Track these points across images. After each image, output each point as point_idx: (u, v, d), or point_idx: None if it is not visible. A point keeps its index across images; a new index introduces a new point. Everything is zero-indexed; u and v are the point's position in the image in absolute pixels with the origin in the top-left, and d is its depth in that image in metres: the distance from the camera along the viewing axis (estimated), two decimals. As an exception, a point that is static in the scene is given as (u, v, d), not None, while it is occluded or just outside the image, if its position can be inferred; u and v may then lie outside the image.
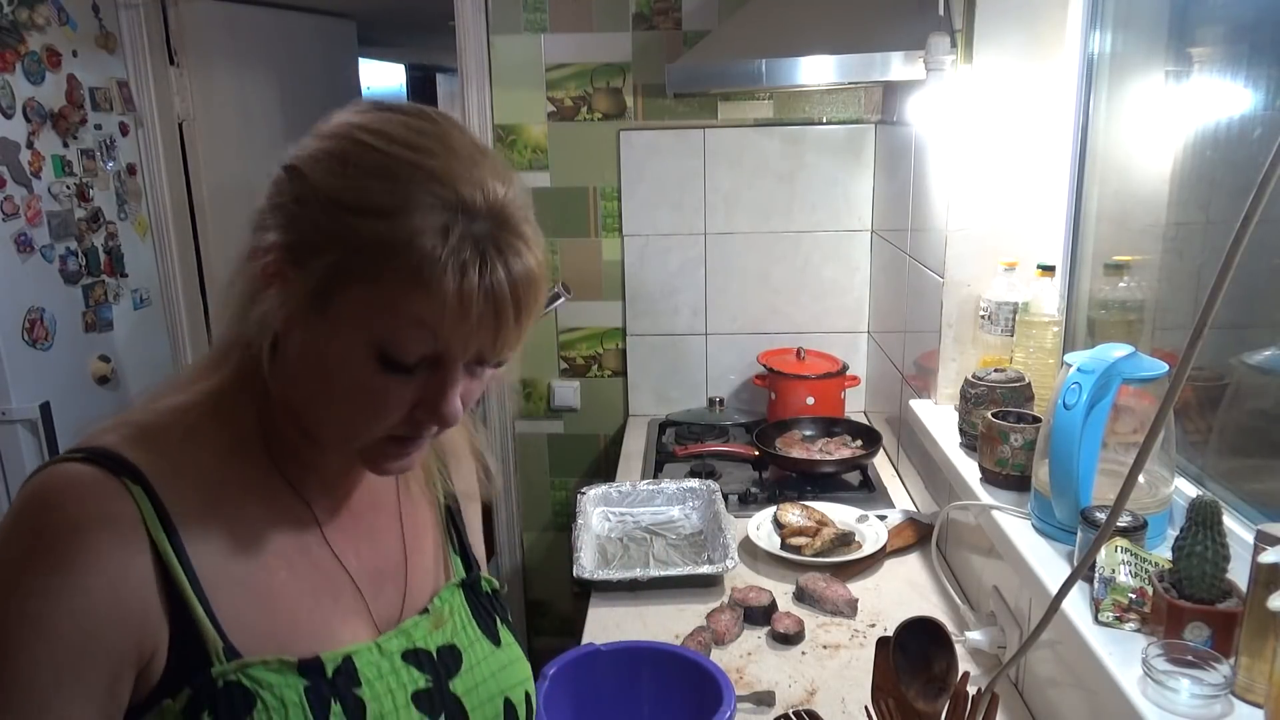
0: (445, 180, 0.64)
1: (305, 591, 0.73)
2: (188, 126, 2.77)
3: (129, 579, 0.64)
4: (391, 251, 0.62)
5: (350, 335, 0.65)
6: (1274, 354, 1.16)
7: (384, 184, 0.64)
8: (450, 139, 0.67)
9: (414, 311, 0.63)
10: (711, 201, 2.54)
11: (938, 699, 1.01)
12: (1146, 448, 0.75)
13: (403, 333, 0.64)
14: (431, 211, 0.63)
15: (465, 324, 0.64)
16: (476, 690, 0.80)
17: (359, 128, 0.67)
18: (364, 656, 0.74)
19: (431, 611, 0.81)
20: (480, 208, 0.64)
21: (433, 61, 6.54)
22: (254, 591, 0.70)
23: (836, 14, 1.91)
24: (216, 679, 0.66)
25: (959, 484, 1.48)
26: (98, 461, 0.66)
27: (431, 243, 0.62)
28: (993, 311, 1.61)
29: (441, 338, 0.64)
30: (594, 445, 2.76)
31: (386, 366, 0.66)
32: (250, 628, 0.69)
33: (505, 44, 2.47)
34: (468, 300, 0.63)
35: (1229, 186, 1.24)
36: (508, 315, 0.65)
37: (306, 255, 0.65)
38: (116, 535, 0.64)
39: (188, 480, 0.69)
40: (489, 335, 0.65)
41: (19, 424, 2.25)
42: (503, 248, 0.64)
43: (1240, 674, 0.89)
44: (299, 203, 0.66)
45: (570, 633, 1.63)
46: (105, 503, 0.64)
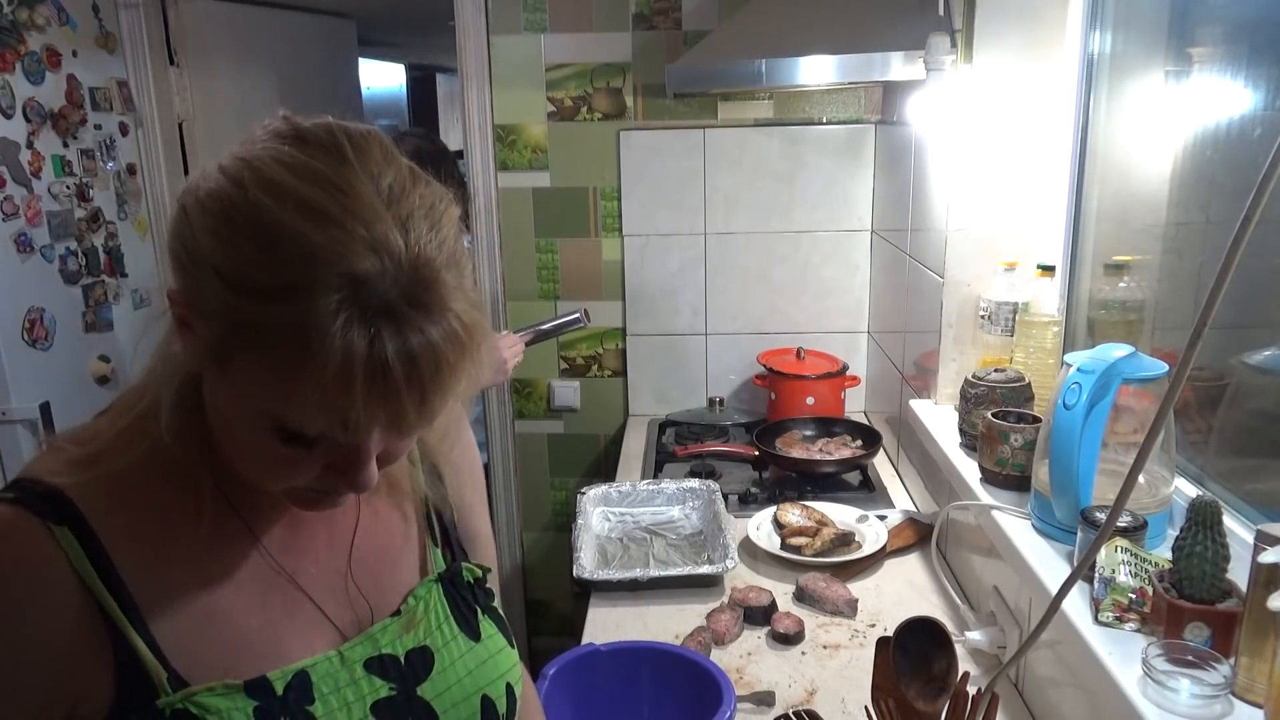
0: (334, 256, 0.57)
1: (254, 610, 0.72)
2: (188, 126, 2.77)
3: (51, 625, 0.64)
4: (273, 333, 0.58)
5: (248, 401, 0.62)
6: (1274, 354, 1.16)
7: (265, 258, 0.58)
8: (354, 189, 0.59)
9: (302, 393, 0.58)
10: (711, 201, 2.54)
11: (938, 699, 1.01)
12: (1146, 448, 0.75)
13: (296, 412, 0.60)
14: (316, 295, 0.57)
15: (353, 408, 0.59)
16: (449, 692, 0.79)
17: (254, 174, 0.60)
18: (321, 669, 0.73)
19: (403, 612, 0.79)
20: (375, 279, 0.58)
21: (433, 61, 6.54)
22: (199, 615, 0.69)
23: (836, 14, 1.91)
24: (164, 709, 0.66)
25: (959, 484, 1.48)
26: (27, 502, 0.65)
27: (314, 329, 0.57)
28: (993, 311, 1.61)
29: (335, 422, 0.60)
30: (594, 445, 2.76)
31: (286, 439, 0.62)
32: (195, 650, 0.68)
33: (505, 44, 2.47)
34: (352, 385, 0.58)
35: (1229, 186, 1.24)
36: (401, 398, 0.59)
37: (199, 315, 0.62)
38: (36, 583, 0.64)
39: (122, 504, 0.68)
40: (389, 417, 0.61)
41: (19, 424, 2.25)
42: (401, 324, 0.58)
43: (1240, 674, 0.89)
44: (189, 256, 0.62)
45: (570, 633, 1.63)
46: (27, 550, 0.64)
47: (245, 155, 0.62)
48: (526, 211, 2.58)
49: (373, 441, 0.64)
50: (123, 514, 0.67)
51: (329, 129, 0.63)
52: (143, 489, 0.69)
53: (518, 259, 2.62)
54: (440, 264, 0.61)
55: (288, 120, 0.65)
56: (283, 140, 0.62)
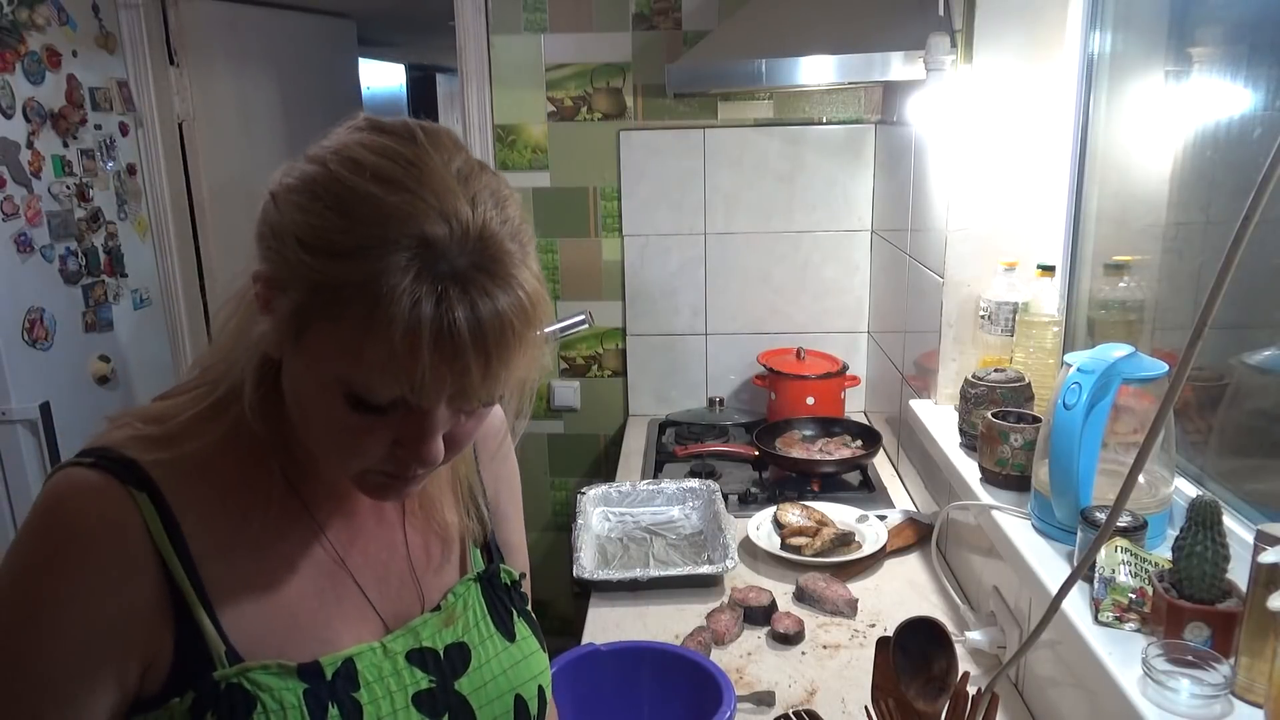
0: (406, 218, 0.60)
1: (309, 594, 0.75)
2: (188, 126, 2.77)
3: (132, 586, 0.67)
4: (346, 294, 0.60)
5: (320, 372, 0.64)
6: (1274, 354, 1.16)
7: (342, 222, 0.61)
8: (426, 164, 0.63)
9: (371, 356, 0.60)
10: (711, 201, 2.54)
11: (938, 699, 1.01)
12: (1146, 448, 0.75)
13: (365, 376, 0.62)
14: (389, 254, 0.59)
15: (420, 375, 0.60)
16: (485, 689, 0.81)
17: (334, 154, 0.64)
18: (366, 658, 0.75)
19: (443, 608, 0.82)
20: (446, 244, 0.60)
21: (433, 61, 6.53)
22: (258, 595, 0.72)
23: (836, 14, 1.91)
24: (219, 682, 0.68)
25: (959, 484, 1.48)
26: (107, 468, 0.68)
27: (385, 286, 0.59)
28: (993, 311, 1.61)
29: (404, 384, 0.61)
30: (594, 445, 2.76)
31: (357, 406, 0.64)
32: (254, 631, 0.71)
33: (505, 44, 2.47)
34: (420, 351, 0.59)
35: (1229, 186, 1.24)
36: (468, 362, 0.61)
37: (280, 288, 0.64)
38: (119, 544, 0.66)
39: (196, 484, 0.70)
40: (454, 384, 0.62)
41: (19, 424, 2.25)
42: (469, 287, 0.60)
43: (1240, 674, 0.89)
44: (274, 234, 0.65)
45: (570, 633, 1.63)
46: (110, 512, 0.66)
47: (326, 143, 0.66)
48: (526, 211, 2.56)
49: (440, 414, 0.65)
50: (195, 493, 0.70)
51: (404, 121, 0.67)
52: (215, 471, 0.72)
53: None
54: (506, 238, 0.64)
55: (366, 118, 0.69)
56: (361, 130, 0.67)
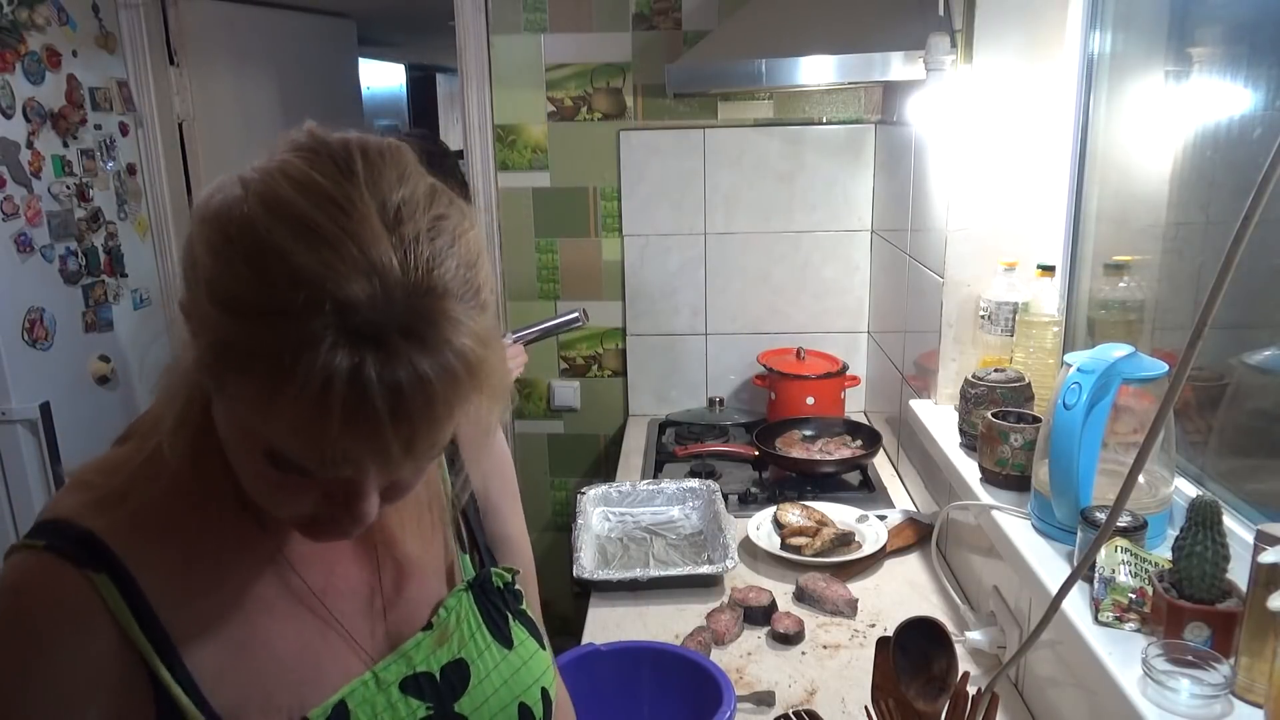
0: (322, 280, 0.54)
1: (290, 637, 0.71)
2: (188, 126, 2.77)
3: (95, 666, 0.64)
4: (256, 353, 0.55)
5: (240, 423, 0.60)
6: (1274, 354, 1.16)
7: (251, 278, 0.55)
8: (355, 208, 0.56)
9: (278, 425, 0.56)
10: (711, 201, 2.54)
11: (938, 699, 1.01)
12: (1146, 448, 0.75)
13: (279, 438, 0.57)
14: (302, 316, 0.53)
15: (329, 441, 0.55)
16: (486, 705, 0.78)
17: (257, 188, 0.58)
18: (358, 696, 0.72)
19: (435, 625, 0.78)
20: (363, 305, 0.54)
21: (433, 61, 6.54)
22: (235, 645, 0.68)
23: (836, 14, 1.91)
24: None
25: (959, 484, 1.48)
26: (61, 549, 0.64)
27: (292, 358, 0.53)
28: (993, 311, 1.61)
29: (313, 458, 0.57)
30: (594, 445, 2.76)
31: (276, 465, 0.59)
32: (237, 690, 0.67)
33: (505, 44, 2.47)
34: (329, 416, 0.54)
35: (1229, 186, 1.24)
36: (385, 434, 0.55)
37: (196, 331, 0.59)
38: (79, 634, 0.63)
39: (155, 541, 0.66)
40: (374, 456, 0.57)
41: (19, 424, 2.25)
42: (390, 354, 0.54)
43: (1240, 674, 0.89)
44: (192, 270, 0.59)
45: (570, 633, 1.63)
46: (67, 602, 0.63)
47: (258, 166, 0.60)
48: (526, 211, 2.58)
49: (369, 475, 0.61)
50: (154, 549, 0.66)
51: (345, 143, 0.60)
52: (172, 519, 0.68)
53: (518, 259, 2.62)
54: (444, 292, 0.57)
55: (310, 133, 0.62)
56: (298, 152, 0.60)
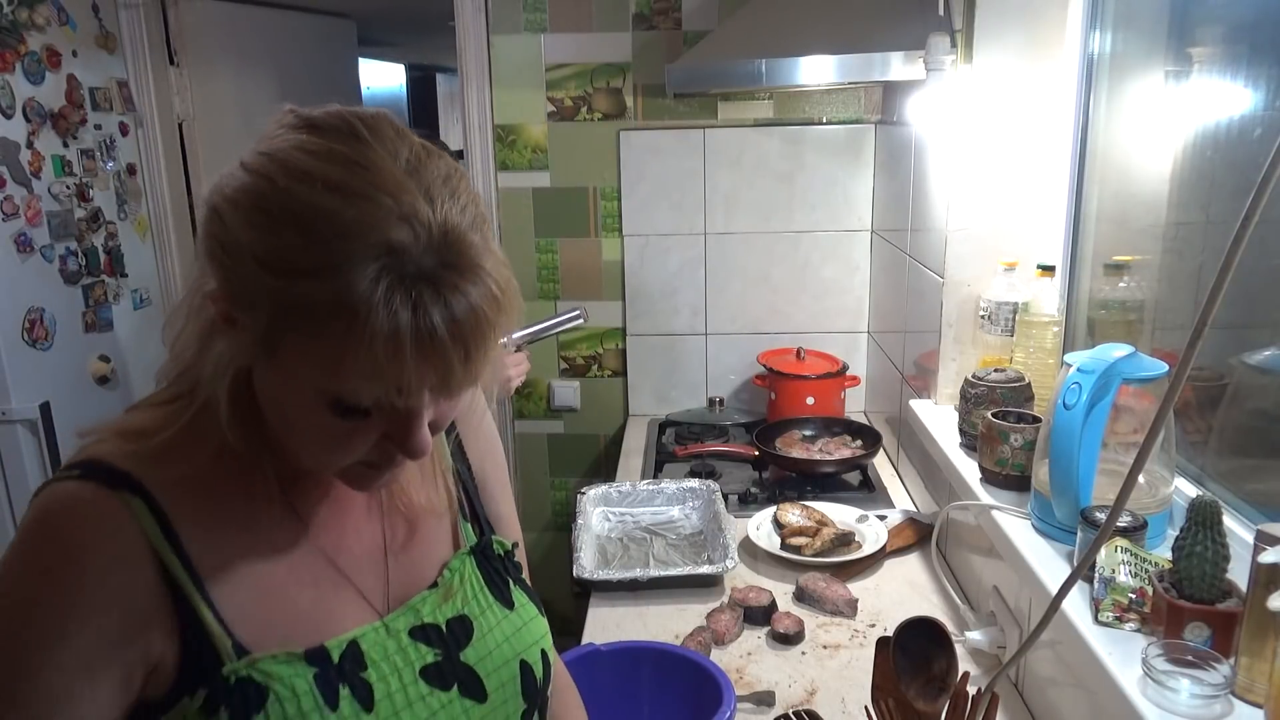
0: (368, 228, 0.60)
1: (305, 584, 0.75)
2: (188, 126, 2.77)
3: (132, 587, 0.67)
4: (320, 309, 0.60)
5: (300, 383, 0.65)
6: (1274, 354, 1.16)
7: (302, 240, 0.61)
8: (375, 164, 0.62)
9: (353, 367, 0.61)
10: (711, 201, 2.54)
11: (938, 699, 1.01)
12: (1146, 448, 0.75)
13: (349, 385, 0.63)
14: (354, 266, 0.59)
15: (404, 372, 0.61)
16: (490, 657, 0.82)
17: (279, 165, 0.63)
18: (370, 638, 0.76)
19: (440, 584, 0.83)
20: (410, 246, 0.60)
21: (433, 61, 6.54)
22: (257, 589, 0.72)
23: (836, 14, 1.91)
24: (228, 676, 0.68)
25: (959, 484, 1.48)
26: (96, 477, 0.68)
27: (359, 300, 0.59)
28: (993, 311, 1.61)
29: (390, 389, 0.63)
30: (594, 445, 2.76)
31: (342, 413, 0.65)
32: (256, 623, 0.71)
33: (505, 44, 2.47)
34: (403, 351, 0.60)
35: (1229, 186, 1.24)
36: (450, 359, 0.62)
37: (245, 306, 0.64)
38: (117, 551, 0.67)
39: (183, 487, 0.70)
40: (437, 378, 0.63)
41: (19, 424, 2.25)
42: (440, 287, 0.61)
43: (1240, 674, 0.89)
44: (227, 252, 0.64)
45: (570, 633, 1.63)
46: (105, 520, 0.67)
47: (265, 150, 0.65)
48: (526, 211, 2.58)
49: (424, 405, 0.66)
50: (181, 492, 0.70)
51: (339, 114, 0.66)
52: (207, 484, 0.72)
53: (518, 259, 2.62)
54: (466, 226, 0.64)
55: (294, 112, 0.67)
56: (298, 130, 0.65)
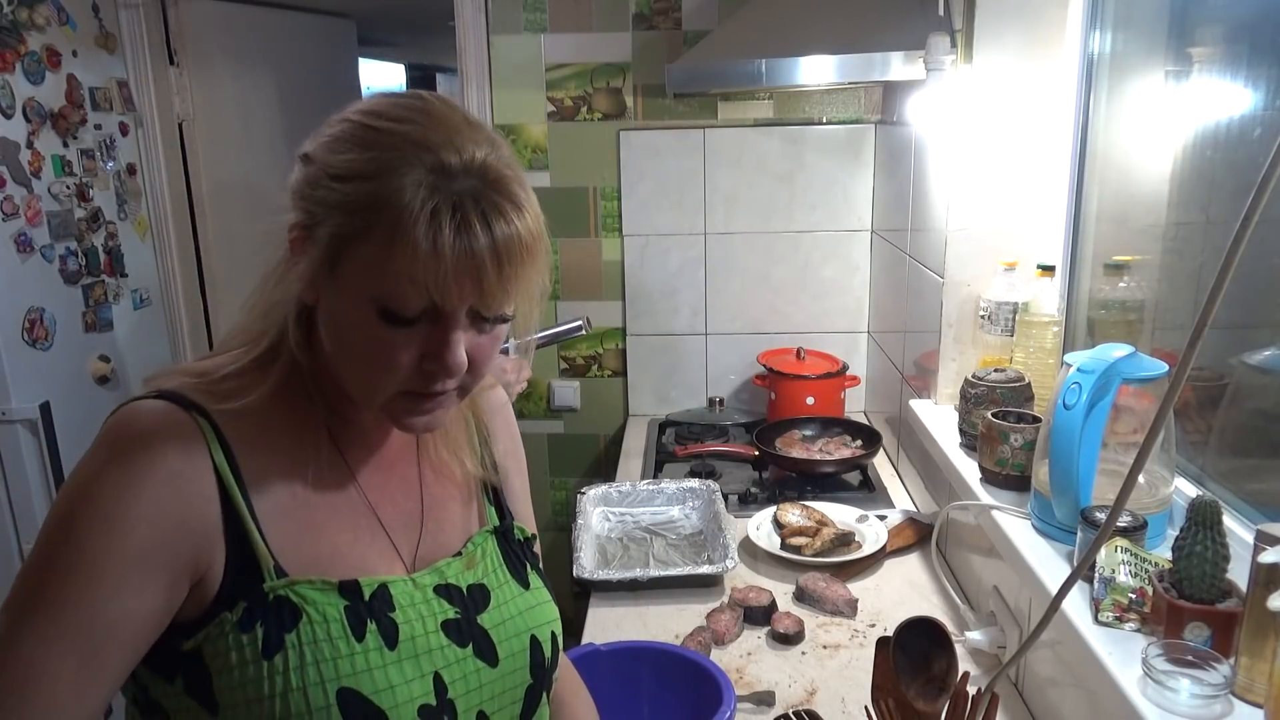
0: (423, 144, 0.70)
1: (345, 529, 0.81)
2: (188, 126, 2.77)
3: (194, 494, 0.72)
4: (375, 210, 0.69)
5: (355, 293, 0.71)
6: (1274, 354, 1.16)
7: (369, 152, 0.70)
8: (435, 112, 0.73)
9: (398, 266, 0.68)
10: (711, 201, 2.54)
11: (938, 699, 1.01)
12: (1146, 448, 0.75)
13: (394, 287, 0.69)
14: (409, 172, 0.69)
15: (443, 276, 0.68)
16: (504, 625, 0.86)
17: (357, 110, 0.74)
18: (398, 586, 0.81)
19: (464, 554, 0.88)
20: (458, 168, 0.69)
21: (433, 61, 6.54)
22: (301, 523, 0.78)
23: (836, 14, 1.91)
24: (268, 593, 0.74)
25: (959, 484, 1.48)
26: (172, 399, 0.75)
27: (408, 199, 0.68)
28: (993, 311, 1.61)
29: (427, 290, 0.69)
30: (594, 445, 2.76)
31: (388, 320, 0.71)
32: (297, 553, 0.77)
33: (505, 44, 2.47)
34: (443, 253, 0.67)
35: (1229, 186, 1.24)
36: (487, 269, 0.69)
37: (315, 226, 0.72)
38: (184, 456, 0.72)
39: (244, 424, 0.76)
40: (473, 289, 0.70)
41: (19, 424, 2.25)
42: (483, 205, 0.69)
43: (1240, 674, 0.89)
44: (309, 184, 0.73)
45: (570, 633, 1.62)
46: (176, 427, 0.73)
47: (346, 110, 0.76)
48: (526, 211, 2.58)
49: (460, 324, 0.72)
50: (243, 427, 0.76)
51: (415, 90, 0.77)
52: (266, 418, 0.78)
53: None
54: (515, 179, 0.72)
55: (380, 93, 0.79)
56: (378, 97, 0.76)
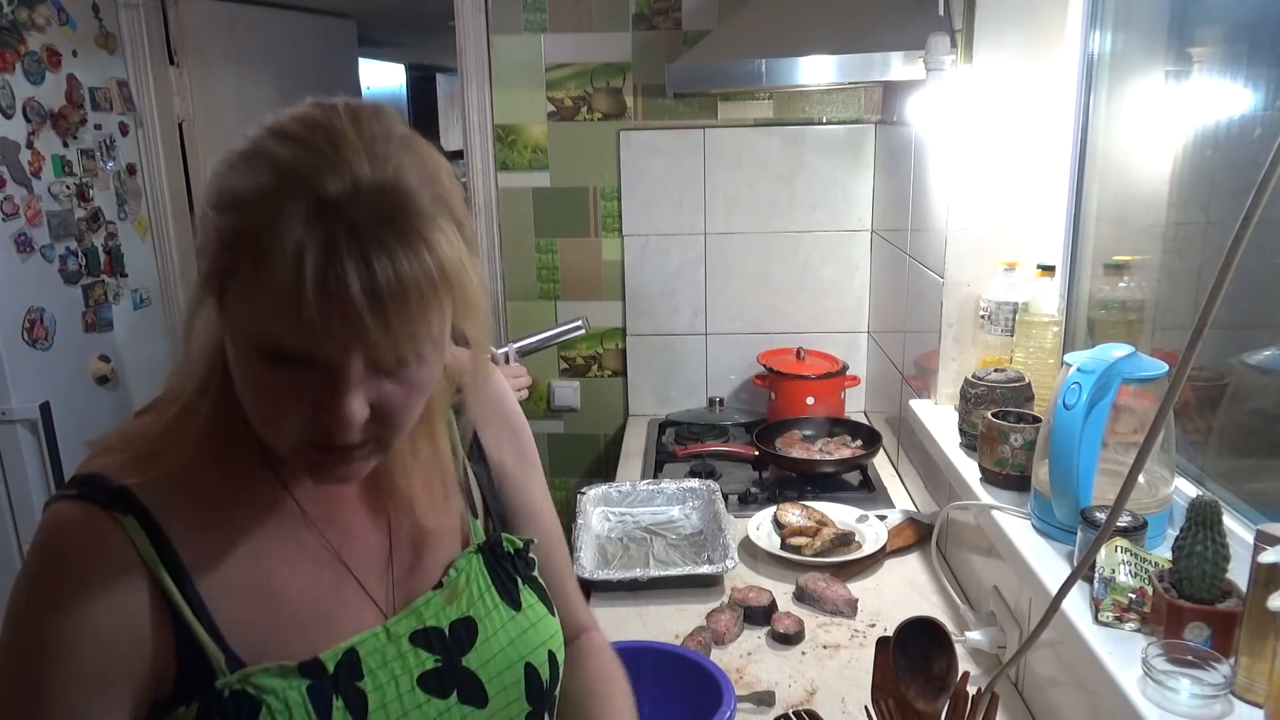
0: (304, 170, 0.61)
1: (306, 587, 0.75)
2: (188, 126, 2.77)
3: (131, 608, 0.68)
4: (242, 244, 0.61)
5: (238, 331, 0.65)
6: (1274, 354, 1.16)
7: (243, 178, 0.63)
8: (335, 127, 0.64)
9: (264, 301, 0.61)
10: (711, 201, 2.54)
11: (938, 699, 1.01)
12: (1146, 448, 0.75)
13: (266, 324, 0.62)
14: (280, 200, 0.60)
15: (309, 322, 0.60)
16: (494, 660, 0.81)
17: (260, 125, 0.66)
18: (368, 645, 0.76)
19: (446, 585, 0.82)
20: (339, 198, 0.60)
21: (433, 61, 6.54)
22: (255, 596, 0.72)
23: (836, 14, 1.91)
24: (222, 690, 0.69)
25: (959, 484, 1.48)
26: (92, 497, 0.69)
27: (274, 233, 0.60)
28: (993, 311, 1.61)
29: (296, 331, 0.61)
30: (594, 445, 2.76)
31: (271, 361, 0.64)
32: (254, 634, 0.71)
33: (505, 44, 2.47)
34: (305, 297, 0.59)
35: (1229, 186, 1.24)
36: (360, 314, 0.60)
37: (202, 259, 0.66)
38: (112, 571, 0.68)
39: (181, 497, 0.71)
40: (352, 336, 0.61)
41: (19, 424, 2.25)
42: (363, 239, 0.60)
43: (1240, 674, 0.89)
44: (201, 207, 0.67)
45: (570, 633, 1.63)
46: (98, 542, 0.68)
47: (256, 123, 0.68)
48: (526, 211, 2.58)
49: (352, 372, 0.64)
50: (182, 504, 0.71)
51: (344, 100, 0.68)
52: (199, 478, 0.72)
53: (518, 259, 2.62)
54: (413, 193, 0.63)
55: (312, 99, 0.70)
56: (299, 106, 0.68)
